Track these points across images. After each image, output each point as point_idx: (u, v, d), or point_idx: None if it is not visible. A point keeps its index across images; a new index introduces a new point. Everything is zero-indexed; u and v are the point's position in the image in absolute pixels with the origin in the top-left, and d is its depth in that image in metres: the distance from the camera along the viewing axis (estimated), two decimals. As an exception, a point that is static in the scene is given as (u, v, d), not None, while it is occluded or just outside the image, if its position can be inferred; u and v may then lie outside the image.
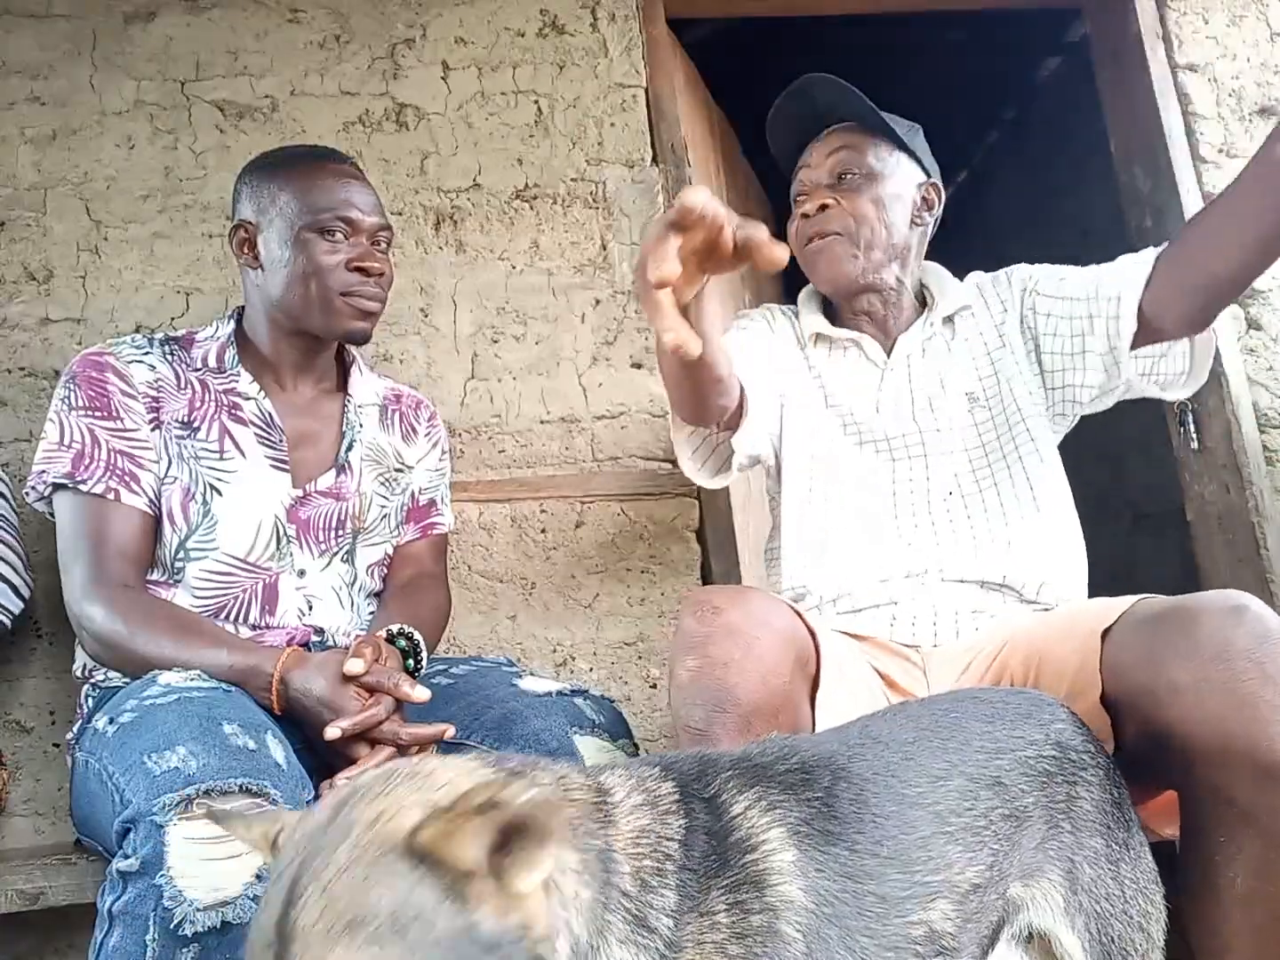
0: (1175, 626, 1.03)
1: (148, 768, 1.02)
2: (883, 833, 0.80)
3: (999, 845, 0.86)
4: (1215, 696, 0.97)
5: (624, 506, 1.88)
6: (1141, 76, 2.19)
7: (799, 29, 2.71)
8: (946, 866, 0.82)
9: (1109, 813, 0.94)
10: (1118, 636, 1.10)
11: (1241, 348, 2.06)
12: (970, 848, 0.84)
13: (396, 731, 1.21)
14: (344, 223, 1.40)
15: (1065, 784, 0.92)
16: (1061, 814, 0.91)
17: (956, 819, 0.85)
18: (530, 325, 1.92)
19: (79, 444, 1.34)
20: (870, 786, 0.82)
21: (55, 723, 1.62)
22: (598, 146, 2.00)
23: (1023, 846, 0.88)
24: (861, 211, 1.45)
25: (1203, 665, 0.98)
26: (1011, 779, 0.90)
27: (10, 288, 1.78)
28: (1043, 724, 0.96)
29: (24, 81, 1.85)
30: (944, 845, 0.82)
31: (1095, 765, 0.96)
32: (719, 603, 1.09)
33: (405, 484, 1.57)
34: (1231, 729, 0.96)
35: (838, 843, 0.77)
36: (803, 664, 1.13)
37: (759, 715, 1.05)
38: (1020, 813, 0.88)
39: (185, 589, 1.36)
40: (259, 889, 1.00)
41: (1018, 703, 0.99)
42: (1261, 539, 1.97)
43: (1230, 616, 1.00)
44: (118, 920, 0.99)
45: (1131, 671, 1.06)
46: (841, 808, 0.79)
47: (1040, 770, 0.92)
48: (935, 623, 1.36)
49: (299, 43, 1.95)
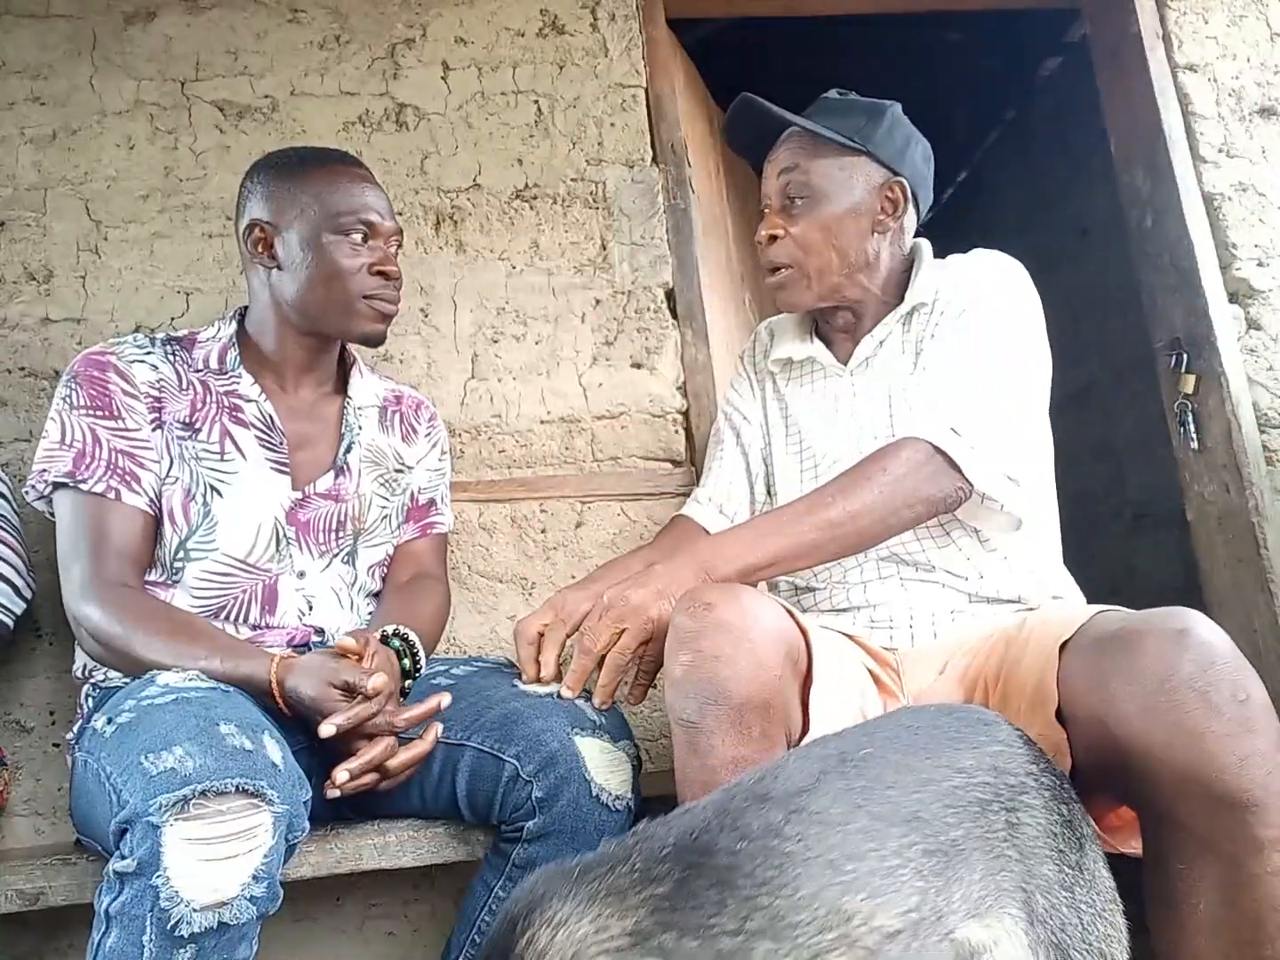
0: (1120, 652, 1.01)
1: (144, 768, 1.02)
2: (750, 906, 0.74)
3: (923, 883, 0.81)
4: (1161, 728, 0.95)
5: (624, 506, 1.88)
6: (1141, 76, 2.18)
7: (799, 29, 2.70)
8: (843, 921, 0.76)
9: (1058, 835, 0.90)
10: (1071, 655, 1.09)
11: (1241, 348, 2.06)
12: (876, 893, 0.78)
13: (392, 720, 1.21)
14: (365, 226, 1.41)
15: (1004, 811, 0.88)
16: (1004, 843, 0.87)
17: (855, 864, 0.79)
18: (530, 325, 1.92)
19: (80, 443, 1.34)
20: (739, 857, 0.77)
21: (55, 723, 1.62)
22: (598, 146, 2.00)
23: (963, 881, 0.83)
24: (808, 241, 1.43)
25: (1147, 696, 0.97)
26: (933, 812, 0.84)
27: (10, 288, 1.78)
28: (976, 747, 0.91)
29: (24, 81, 1.85)
30: (838, 898, 0.77)
31: (1039, 787, 0.91)
32: (711, 599, 1.10)
33: (405, 484, 1.57)
34: (1180, 759, 0.94)
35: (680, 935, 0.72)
36: (794, 660, 1.13)
37: (750, 708, 1.06)
38: (949, 847, 0.83)
39: (184, 589, 1.36)
40: (256, 889, 1.01)
41: (948, 726, 0.94)
42: (1261, 539, 1.97)
43: (1174, 642, 0.98)
44: (115, 921, 0.99)
45: (1082, 695, 1.05)
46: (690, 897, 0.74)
47: (970, 800, 0.87)
48: (912, 626, 1.37)
49: (299, 43, 1.95)
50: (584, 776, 1.21)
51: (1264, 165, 2.15)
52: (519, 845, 1.23)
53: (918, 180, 1.49)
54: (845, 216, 1.43)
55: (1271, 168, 2.15)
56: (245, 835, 1.01)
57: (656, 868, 0.75)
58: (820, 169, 1.43)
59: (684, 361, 1.94)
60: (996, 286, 1.41)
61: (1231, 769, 0.93)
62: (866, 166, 1.45)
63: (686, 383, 1.93)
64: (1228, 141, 2.15)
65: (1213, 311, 2.05)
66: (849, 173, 1.44)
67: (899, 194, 1.46)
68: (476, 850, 1.30)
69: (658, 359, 1.94)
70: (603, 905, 0.72)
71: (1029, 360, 1.39)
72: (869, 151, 1.44)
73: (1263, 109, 2.18)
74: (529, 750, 1.22)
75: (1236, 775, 0.93)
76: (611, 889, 0.73)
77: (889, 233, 1.47)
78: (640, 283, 1.96)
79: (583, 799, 1.20)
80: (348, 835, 1.28)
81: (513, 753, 1.22)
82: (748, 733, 1.06)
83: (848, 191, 1.44)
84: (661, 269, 1.97)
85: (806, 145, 1.45)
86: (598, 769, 1.22)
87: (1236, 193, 2.13)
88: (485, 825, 1.28)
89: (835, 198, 1.43)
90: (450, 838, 1.30)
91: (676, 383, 1.94)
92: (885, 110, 1.47)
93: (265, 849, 1.02)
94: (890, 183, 1.45)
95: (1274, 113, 2.18)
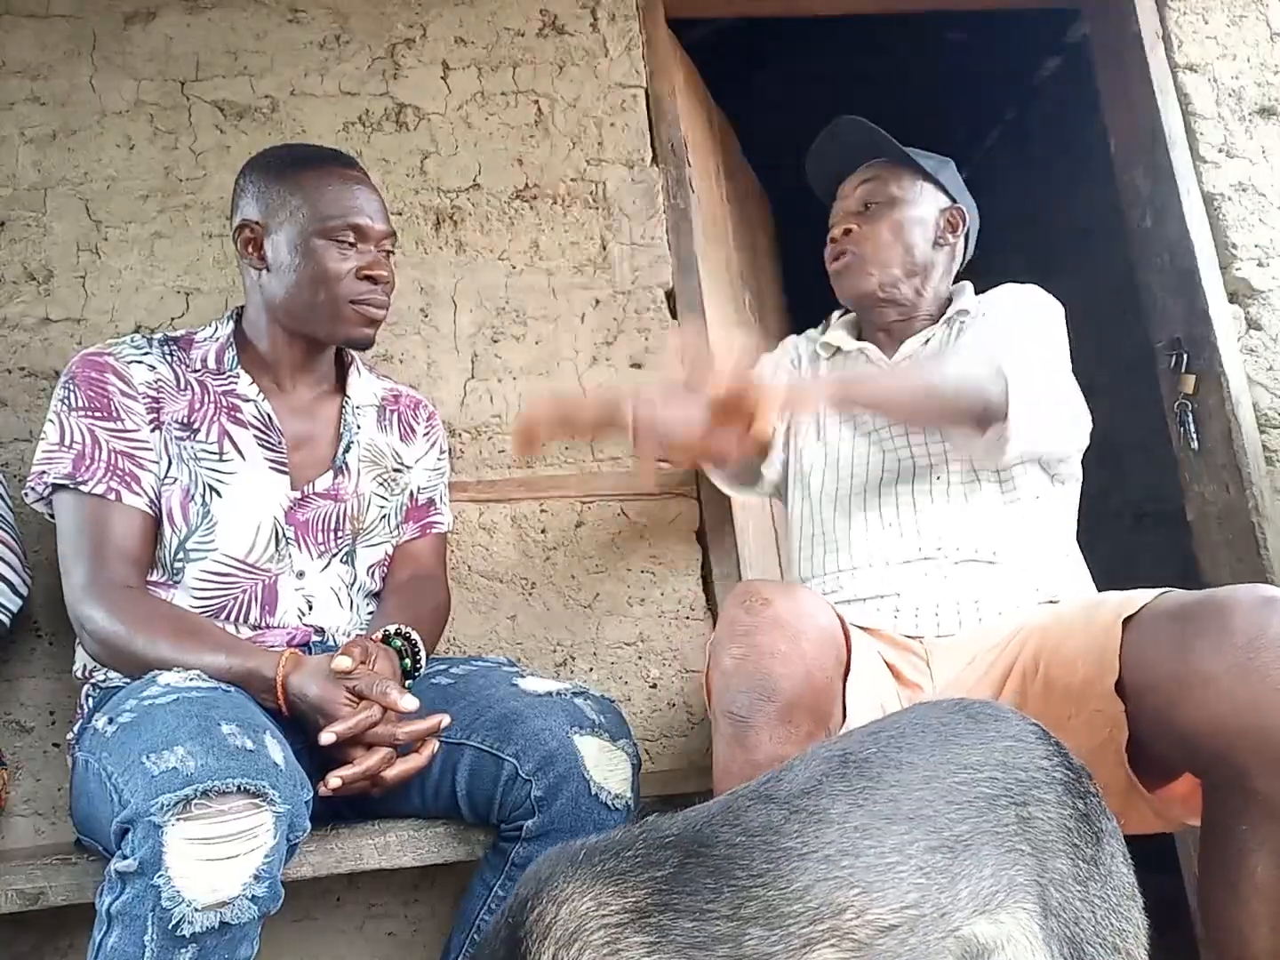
0: (1207, 617, 1.04)
1: (146, 768, 1.02)
2: (744, 895, 0.78)
3: (924, 880, 0.82)
4: (1247, 685, 0.98)
5: (624, 506, 1.87)
6: (1141, 76, 2.18)
7: (799, 29, 2.71)
8: (835, 914, 0.79)
9: (1072, 829, 0.90)
10: (1144, 625, 1.11)
11: (1241, 347, 2.06)
12: (870, 889, 0.81)
13: (393, 732, 1.20)
14: (354, 230, 1.40)
15: (1013, 805, 0.88)
16: (1016, 837, 0.87)
17: (850, 860, 0.82)
18: (530, 325, 1.92)
19: (79, 444, 1.34)
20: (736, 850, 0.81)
21: (55, 723, 1.62)
22: (598, 146, 2.00)
23: (971, 877, 0.84)
24: (880, 234, 1.58)
25: (1235, 653, 1.00)
26: (936, 809, 0.86)
27: (10, 288, 1.78)
28: (984, 743, 0.92)
29: (24, 81, 1.85)
30: (830, 892, 0.80)
31: (1050, 781, 0.91)
32: (768, 594, 1.12)
33: (404, 484, 1.57)
34: (1263, 717, 0.97)
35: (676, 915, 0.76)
36: (839, 661, 1.16)
37: (799, 708, 1.08)
38: (955, 843, 0.84)
39: (184, 590, 1.36)
40: (257, 889, 1.01)
41: (955, 723, 0.94)
42: (1261, 539, 1.97)
43: (1264, 607, 1.02)
44: (116, 921, 0.99)
45: (1158, 661, 1.07)
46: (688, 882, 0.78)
47: (976, 796, 0.88)
48: (938, 613, 1.38)
49: (299, 43, 1.95)
50: (583, 775, 1.21)
51: (1264, 165, 2.15)
52: (518, 844, 1.23)
53: (971, 215, 1.66)
54: (914, 224, 1.59)
55: (1271, 168, 2.15)
56: (247, 835, 1.01)
57: (658, 853, 0.79)
58: (899, 183, 1.61)
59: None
60: (1037, 306, 1.54)
61: None
62: (934, 192, 1.63)
63: (686, 383, 1.93)
64: (1228, 141, 2.15)
65: (1213, 311, 2.05)
66: (920, 192, 1.62)
67: (958, 219, 1.63)
68: (476, 850, 1.30)
69: (658, 359, 1.94)
70: (604, 884, 0.77)
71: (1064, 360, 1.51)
72: (938, 181, 1.63)
73: (1263, 109, 2.18)
74: (528, 749, 1.22)
75: None
76: (614, 870, 0.78)
77: (946, 248, 1.62)
78: (640, 283, 1.96)
79: (582, 798, 1.20)
80: (348, 835, 1.28)
81: (512, 752, 1.22)
82: (795, 731, 1.08)
83: (917, 205, 1.60)
84: (661, 269, 1.97)
85: (889, 165, 1.63)
86: (597, 768, 1.22)
87: (1236, 193, 2.13)
88: (485, 825, 1.28)
89: (907, 205, 1.60)
90: (450, 837, 1.30)
91: (676, 383, 1.93)
92: (949, 161, 1.68)
93: (267, 849, 1.02)
94: (952, 209, 1.63)
95: (1274, 113, 2.18)
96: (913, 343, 1.58)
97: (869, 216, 1.60)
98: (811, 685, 1.09)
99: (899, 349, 1.59)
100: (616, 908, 0.75)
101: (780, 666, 1.08)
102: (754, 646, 1.09)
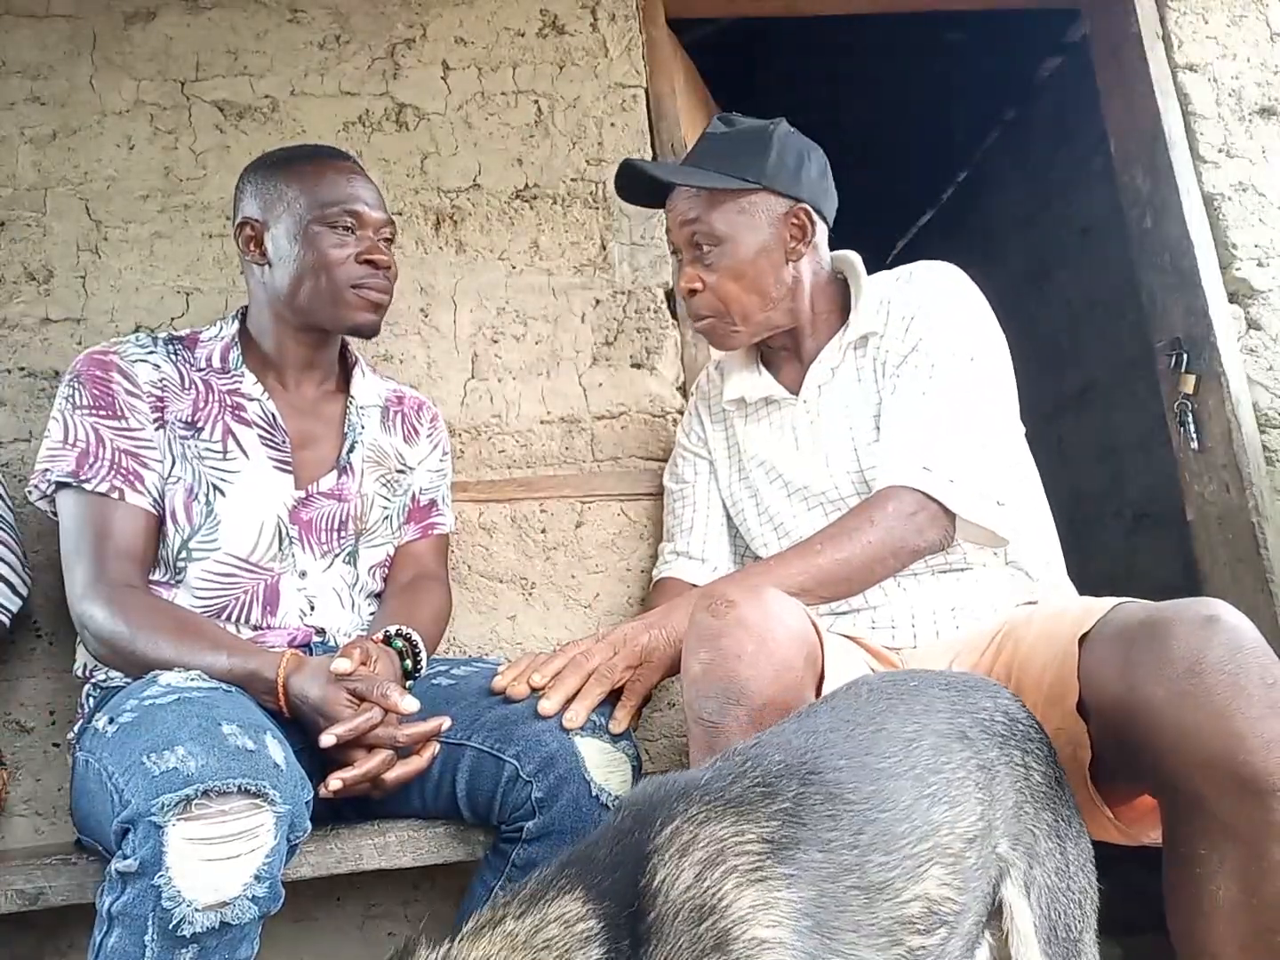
0: (1148, 639, 1.01)
1: (147, 768, 1.02)
2: (861, 819, 0.80)
3: (981, 795, 0.87)
4: (1190, 711, 0.95)
5: (624, 506, 1.87)
6: (1141, 76, 2.19)
7: (799, 29, 2.71)
8: (934, 831, 0.82)
9: (1054, 789, 0.95)
10: (1093, 646, 1.09)
11: (1241, 348, 2.06)
12: (954, 802, 0.84)
13: (394, 734, 1.20)
14: (351, 216, 1.41)
15: (1019, 750, 0.94)
16: (1021, 779, 0.92)
17: (935, 777, 0.85)
18: (530, 325, 1.92)
19: (83, 443, 1.34)
20: (843, 774, 0.82)
21: (55, 723, 1.62)
22: (598, 146, 2.00)
23: (1000, 802, 0.88)
24: (726, 292, 1.44)
25: (1176, 680, 0.97)
26: (974, 734, 0.91)
27: (10, 288, 1.78)
28: (991, 695, 0.98)
29: (24, 81, 1.85)
30: (928, 809, 0.83)
31: (1041, 740, 0.98)
32: (733, 596, 1.10)
33: (406, 485, 1.57)
34: (1208, 743, 0.94)
35: (808, 848, 0.76)
36: (812, 662, 1.14)
37: (771, 709, 1.06)
38: (990, 765, 0.90)
39: (187, 589, 1.36)
40: (258, 889, 1.01)
41: (965, 678, 1.02)
42: (1261, 539, 1.97)
43: (1203, 628, 0.98)
44: (116, 921, 0.99)
45: (1106, 684, 1.05)
46: (811, 811, 0.79)
47: (996, 732, 0.93)
48: (914, 625, 1.37)
49: (299, 43, 1.95)
50: (583, 776, 1.21)
51: (1264, 165, 2.15)
52: (519, 845, 1.23)
53: (818, 196, 1.47)
54: (757, 258, 1.43)
55: (1271, 168, 2.15)
56: (247, 835, 1.01)
57: (776, 783, 0.80)
58: (721, 217, 1.42)
59: (684, 361, 1.94)
60: (947, 309, 1.42)
61: (1259, 751, 0.93)
62: (766, 201, 1.43)
63: (686, 383, 1.93)
64: (1228, 141, 2.15)
65: (1213, 311, 2.06)
66: (750, 213, 1.43)
67: (804, 219, 1.44)
68: (476, 850, 1.30)
69: (657, 359, 1.94)
70: (737, 813, 0.77)
71: (990, 375, 1.40)
72: (765, 186, 1.43)
73: (1263, 109, 2.18)
74: (529, 750, 1.22)
75: (1264, 758, 0.93)
76: (741, 799, 0.78)
77: (803, 257, 1.47)
78: (640, 283, 1.96)
79: (582, 799, 1.20)
80: (348, 835, 1.28)
81: (512, 753, 1.22)
82: None
83: (753, 232, 1.43)
84: (661, 269, 1.97)
85: (702, 193, 1.43)
86: (597, 769, 1.22)
87: (1236, 193, 2.13)
88: (485, 825, 1.28)
89: (742, 241, 1.42)
90: (450, 838, 1.30)
91: (676, 383, 1.94)
92: (771, 135, 1.44)
93: (267, 849, 1.02)
94: (793, 210, 1.44)
95: (1274, 113, 2.18)
96: (819, 370, 1.48)
97: (708, 265, 1.44)
98: (781, 684, 1.07)
99: (804, 376, 1.49)
100: (754, 836, 0.75)
101: (747, 669, 1.06)
102: (720, 650, 1.07)
